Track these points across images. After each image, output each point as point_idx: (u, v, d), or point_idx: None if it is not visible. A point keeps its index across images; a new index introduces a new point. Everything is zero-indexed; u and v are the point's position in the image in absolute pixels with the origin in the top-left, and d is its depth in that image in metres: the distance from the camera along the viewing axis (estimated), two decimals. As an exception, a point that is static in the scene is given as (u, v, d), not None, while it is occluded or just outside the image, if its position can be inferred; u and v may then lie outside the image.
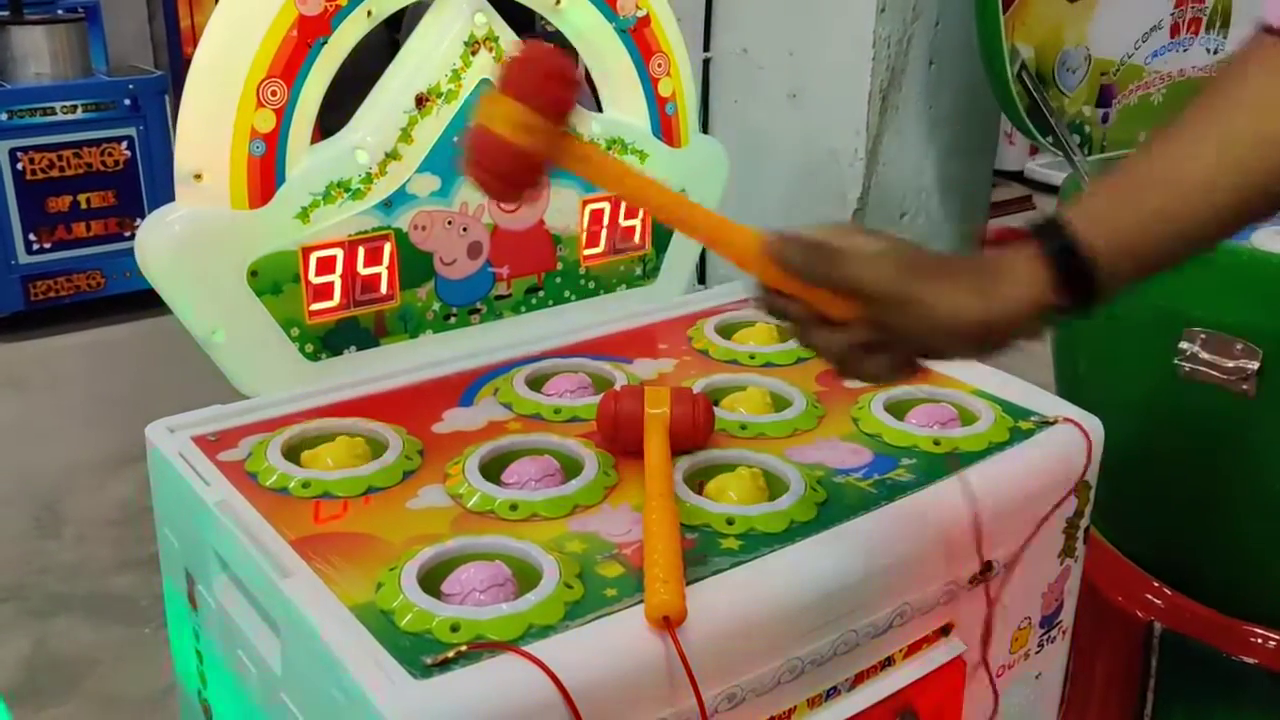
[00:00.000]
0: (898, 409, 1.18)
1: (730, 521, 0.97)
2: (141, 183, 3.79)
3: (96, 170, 3.72)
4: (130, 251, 1.15)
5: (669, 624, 0.82)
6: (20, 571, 2.48)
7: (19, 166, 3.58)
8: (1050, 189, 5.08)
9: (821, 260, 0.80)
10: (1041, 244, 0.81)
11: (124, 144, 3.75)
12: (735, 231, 0.86)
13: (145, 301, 3.51)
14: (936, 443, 1.11)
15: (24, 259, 3.67)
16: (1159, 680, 1.63)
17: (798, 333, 0.84)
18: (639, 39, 1.39)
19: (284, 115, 1.14)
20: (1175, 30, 1.88)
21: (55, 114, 3.62)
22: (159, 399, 1.25)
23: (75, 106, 3.65)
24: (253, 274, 1.15)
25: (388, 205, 1.22)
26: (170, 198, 1.13)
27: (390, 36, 1.58)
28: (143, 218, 1.16)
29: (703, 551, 0.93)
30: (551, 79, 0.83)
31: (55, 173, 3.65)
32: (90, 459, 2.87)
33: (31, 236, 3.66)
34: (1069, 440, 1.15)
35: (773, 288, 0.83)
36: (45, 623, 2.31)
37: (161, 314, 1.18)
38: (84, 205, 3.73)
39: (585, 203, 1.38)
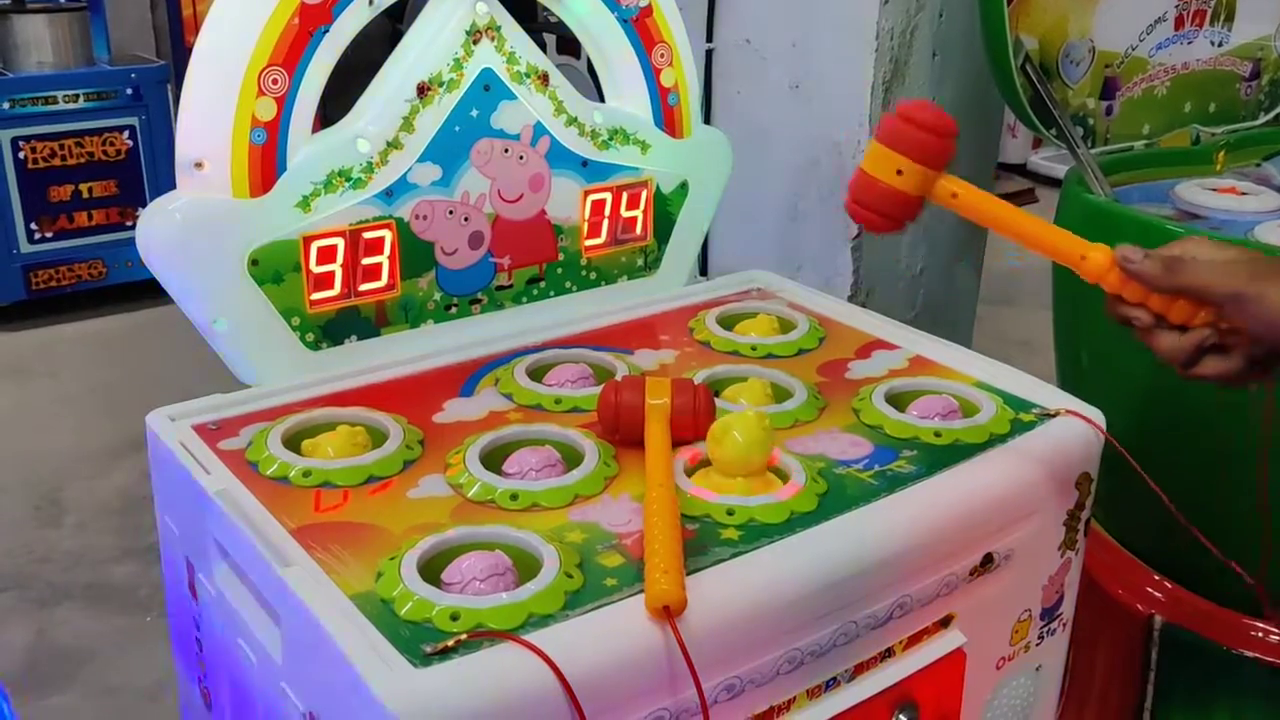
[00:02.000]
0: (899, 401, 1.18)
1: (730, 512, 0.97)
2: (143, 172, 3.80)
3: (98, 159, 3.72)
4: (132, 241, 1.15)
5: (669, 614, 0.82)
6: (21, 560, 2.48)
7: (21, 155, 3.59)
8: (1053, 182, 5.07)
9: (1171, 269, 0.90)
10: None
11: (126, 133, 3.75)
12: (1090, 249, 0.96)
13: (146, 291, 3.55)
14: (938, 434, 1.11)
15: (25, 248, 3.67)
16: (1159, 673, 1.64)
17: (1145, 337, 0.94)
18: (641, 29, 1.38)
19: (285, 103, 1.13)
20: (1180, 23, 1.87)
21: (57, 103, 3.63)
22: (160, 388, 1.25)
23: (77, 96, 3.65)
24: (253, 263, 1.15)
25: (389, 194, 1.22)
26: (172, 187, 1.13)
27: (392, 26, 1.57)
28: (144, 207, 1.16)
29: (703, 542, 0.93)
30: (924, 129, 0.97)
31: (57, 162, 3.65)
32: (91, 448, 2.87)
33: (33, 226, 3.67)
34: (1071, 432, 1.14)
35: (1121, 296, 0.94)
36: (45, 612, 2.32)
37: (163, 304, 1.18)
38: (85, 195, 3.73)
39: (587, 193, 1.38)
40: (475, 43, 1.24)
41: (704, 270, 2.19)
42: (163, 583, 1.16)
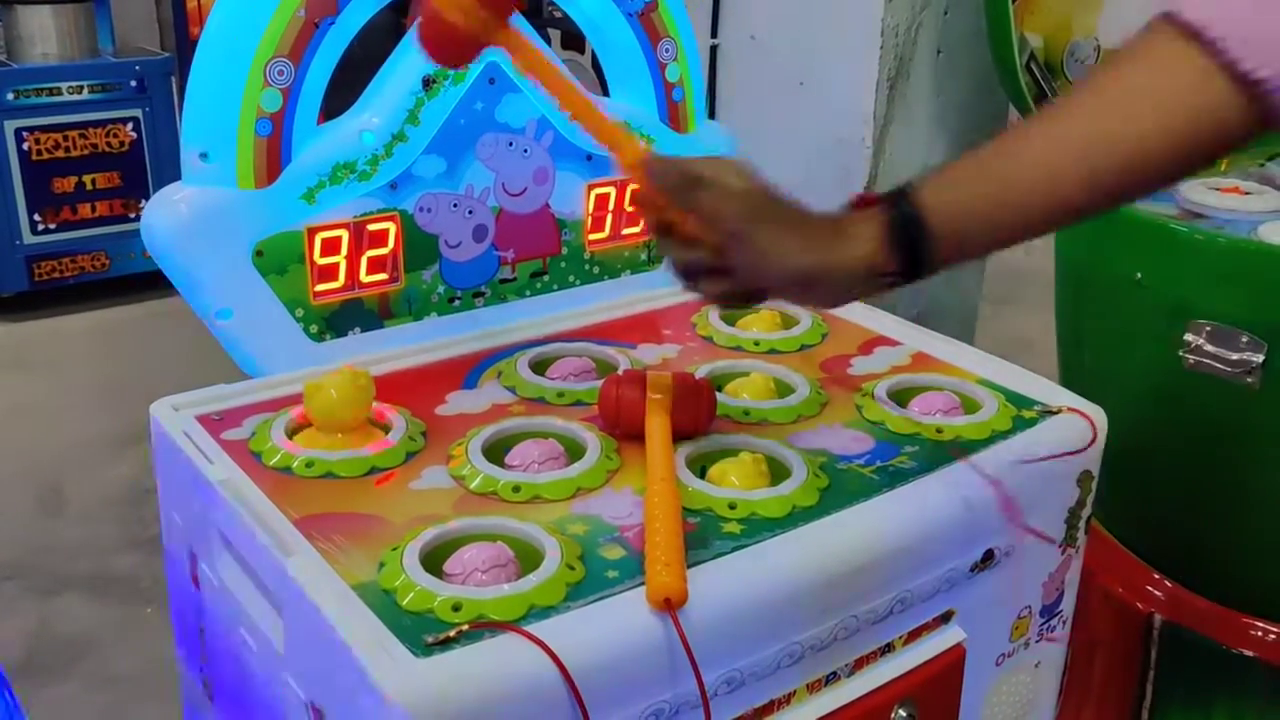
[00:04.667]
0: (901, 397, 1.18)
1: (732, 506, 0.97)
2: (147, 164, 3.80)
3: (102, 151, 3.72)
4: (135, 233, 1.15)
5: (670, 606, 0.83)
6: (24, 550, 2.49)
7: (25, 147, 3.59)
8: (1057, 181, 5.04)
9: (686, 184, 0.90)
10: (886, 209, 0.88)
11: (130, 125, 3.75)
12: (627, 140, 0.98)
13: (150, 283, 3.55)
14: (939, 431, 1.11)
15: (29, 239, 3.67)
16: (1159, 672, 1.64)
17: (659, 242, 0.94)
18: (646, 24, 1.38)
19: (291, 95, 1.14)
20: (1185, 22, 1.87)
21: (61, 94, 3.62)
22: (163, 380, 1.25)
23: (81, 87, 3.65)
24: (258, 254, 1.15)
25: (393, 187, 1.22)
26: (176, 179, 1.13)
27: (398, 19, 1.57)
28: (148, 199, 1.16)
29: (704, 535, 0.93)
30: None
31: (61, 153, 3.65)
32: (94, 439, 2.88)
33: (36, 217, 3.67)
34: (1072, 430, 1.15)
35: (648, 196, 0.94)
36: (48, 602, 2.32)
37: (166, 295, 1.18)
38: (89, 186, 3.73)
39: (590, 187, 1.38)
40: (481, 36, 1.24)
41: (707, 266, 2.19)
42: (165, 573, 1.17)
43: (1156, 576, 1.64)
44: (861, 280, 0.89)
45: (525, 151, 1.31)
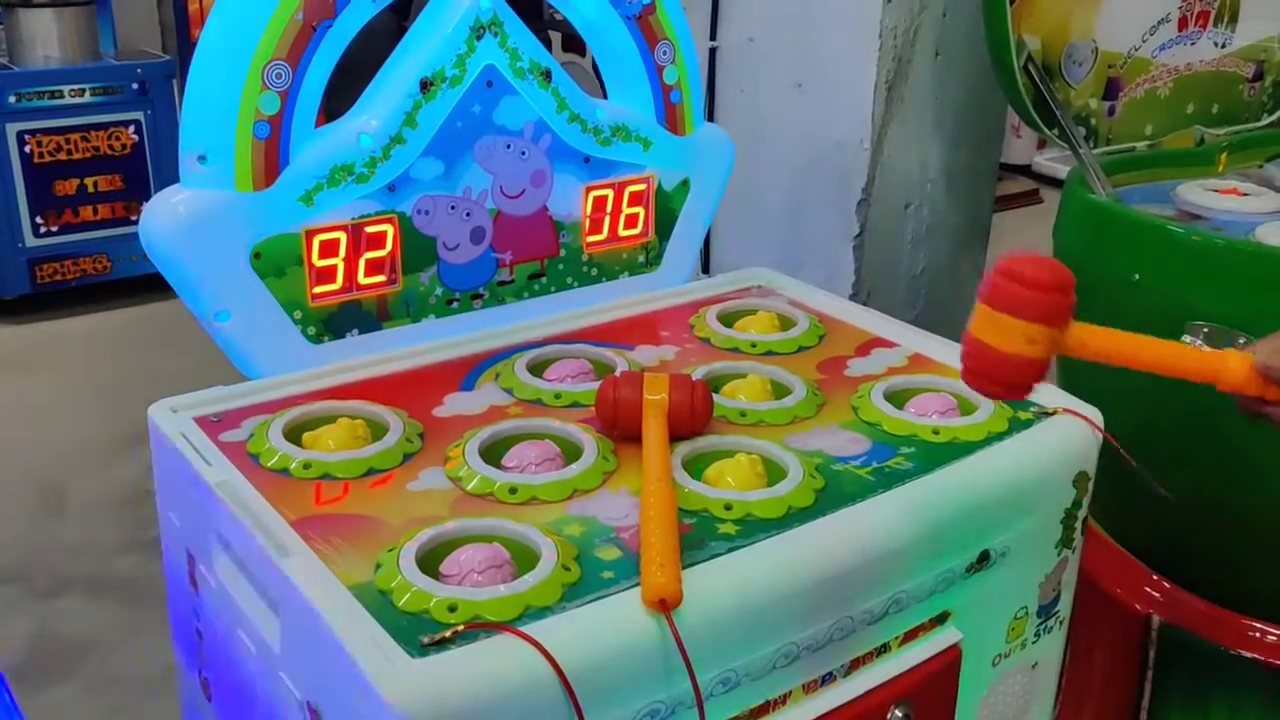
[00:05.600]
0: (897, 398, 1.18)
1: (728, 507, 0.97)
2: (148, 167, 3.80)
3: (103, 154, 3.73)
4: (136, 236, 1.16)
5: (665, 607, 0.83)
6: (24, 552, 2.49)
7: (26, 149, 3.59)
8: (1058, 183, 5.06)
9: None
10: None
11: (131, 128, 3.75)
12: (1227, 360, 0.92)
13: (151, 285, 3.55)
14: (935, 432, 1.12)
15: (31, 242, 3.68)
16: (1157, 673, 1.64)
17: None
18: (644, 26, 1.39)
19: (289, 98, 1.14)
20: (1183, 24, 1.87)
21: (63, 97, 3.63)
22: (163, 382, 1.25)
23: (83, 90, 3.66)
24: (256, 256, 1.15)
25: (391, 189, 1.22)
26: (177, 182, 1.14)
27: (398, 24, 1.58)
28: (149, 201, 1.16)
29: (700, 536, 0.94)
30: (1049, 292, 0.87)
31: (62, 156, 3.66)
32: (95, 441, 2.88)
33: (38, 219, 3.67)
34: (1068, 431, 1.15)
35: (1260, 399, 0.91)
36: (48, 603, 2.33)
37: (167, 298, 1.18)
38: (91, 189, 3.73)
39: (588, 189, 1.38)
40: (478, 38, 1.25)
41: (706, 268, 2.19)
42: (164, 575, 1.17)
43: (1155, 578, 1.64)
44: None
45: (523, 154, 1.31)
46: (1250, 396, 0.91)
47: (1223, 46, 1.94)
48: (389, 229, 1.23)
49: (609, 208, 1.41)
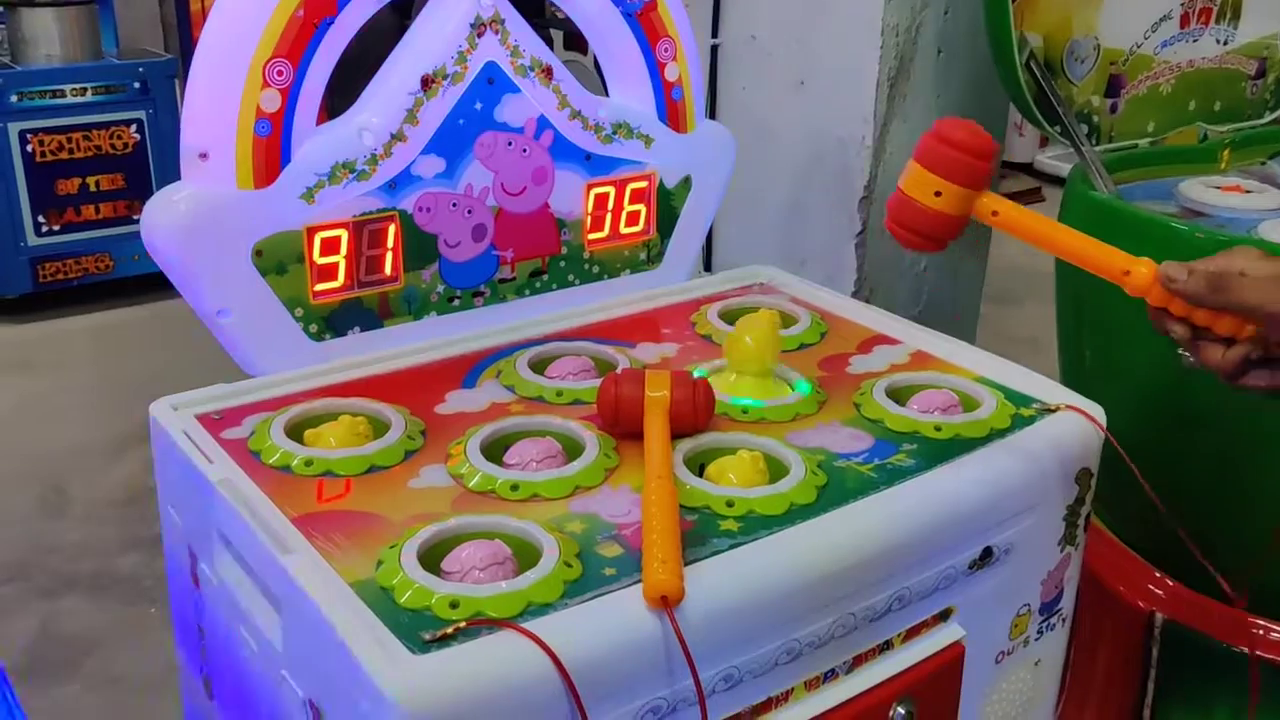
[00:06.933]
0: (899, 395, 1.18)
1: (730, 503, 0.97)
2: (150, 166, 3.80)
3: (105, 153, 3.73)
4: (138, 234, 1.15)
5: (667, 604, 0.83)
6: (26, 551, 2.49)
7: (29, 148, 3.59)
8: (1060, 181, 5.06)
9: (1216, 287, 0.89)
10: None
11: (133, 127, 3.75)
12: (1134, 264, 0.95)
13: (153, 284, 3.56)
14: (938, 429, 1.11)
15: (33, 241, 3.68)
16: (1160, 671, 1.63)
17: (1189, 349, 0.94)
18: (646, 23, 1.38)
19: (290, 95, 1.14)
20: (1185, 20, 1.87)
21: (65, 96, 3.63)
22: (166, 381, 1.25)
23: (85, 89, 3.66)
24: (258, 254, 1.15)
25: (392, 187, 1.22)
26: (179, 180, 1.14)
27: (400, 22, 1.58)
28: (151, 200, 1.16)
29: (702, 533, 0.93)
30: (968, 154, 0.96)
31: (64, 155, 3.66)
32: (97, 440, 2.88)
33: (40, 219, 3.68)
34: (1071, 427, 1.15)
35: (1165, 310, 0.93)
36: (51, 602, 2.33)
37: (169, 297, 1.18)
38: (93, 188, 3.74)
39: (590, 187, 1.38)
40: (479, 35, 1.25)
41: (708, 266, 2.19)
42: (165, 573, 1.17)
43: (1158, 575, 1.63)
44: None
45: (524, 151, 1.31)
46: (1155, 308, 0.94)
47: (1225, 43, 1.94)
48: (390, 226, 1.23)
49: (610, 205, 1.41)
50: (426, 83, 1.22)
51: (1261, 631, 1.54)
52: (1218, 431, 1.50)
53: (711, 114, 2.13)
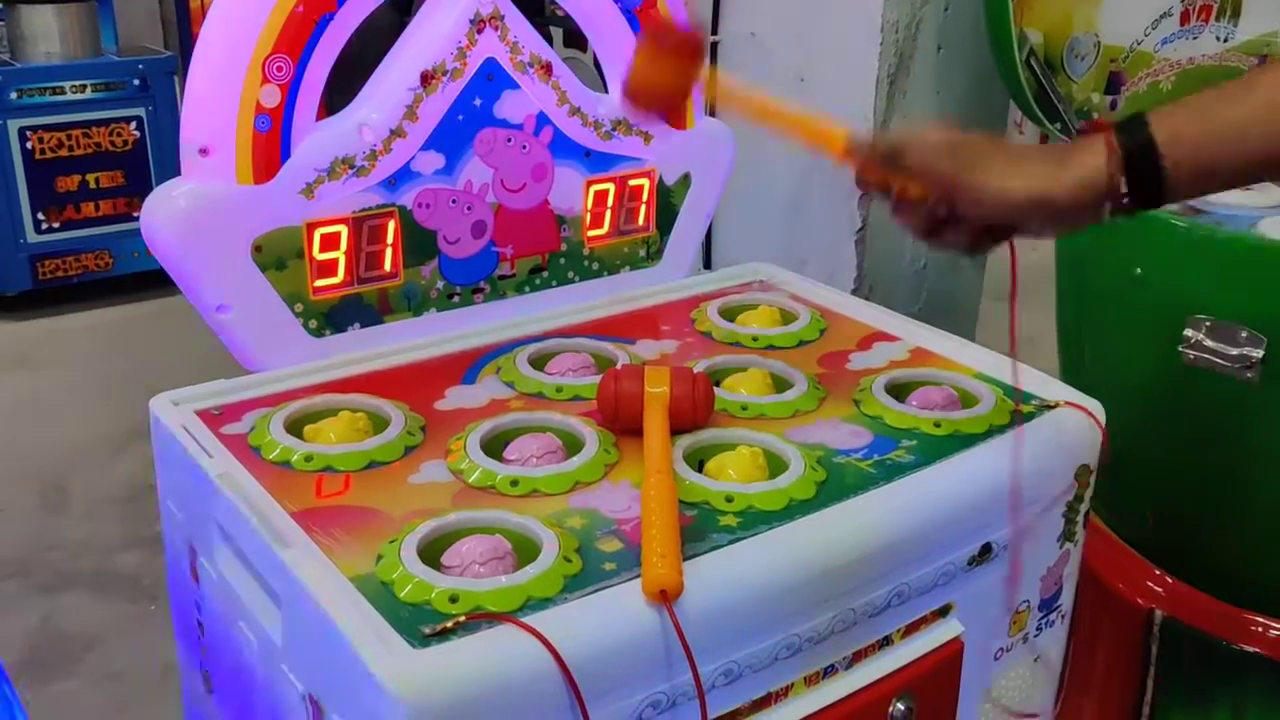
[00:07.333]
0: (899, 391, 1.18)
1: (729, 499, 0.97)
2: (150, 163, 3.80)
3: (105, 150, 3.73)
4: (138, 231, 1.15)
5: (666, 598, 0.83)
6: (27, 548, 2.49)
7: (28, 146, 3.59)
8: (1059, 179, 5.04)
9: (892, 152, 0.96)
10: (1119, 135, 0.89)
11: (133, 124, 3.75)
12: (831, 132, 1.02)
13: (153, 281, 3.56)
14: (937, 425, 1.12)
15: (33, 238, 3.68)
16: (1159, 668, 1.64)
17: (891, 210, 0.99)
18: (646, 20, 1.38)
19: (290, 91, 1.14)
20: (1185, 17, 1.87)
21: (65, 93, 3.63)
22: (166, 378, 1.25)
23: (85, 86, 3.66)
24: (257, 249, 1.15)
25: (392, 183, 1.22)
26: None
27: (398, 19, 1.58)
28: (151, 197, 1.16)
29: (701, 528, 0.93)
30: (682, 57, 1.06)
31: (64, 152, 3.66)
32: (97, 437, 2.88)
33: (40, 216, 3.67)
34: (1070, 424, 1.15)
35: (864, 174, 0.99)
36: (51, 599, 2.33)
37: (169, 294, 1.19)
38: (92, 185, 3.73)
39: (589, 183, 1.38)
40: (479, 32, 1.25)
41: (707, 263, 2.19)
42: (165, 568, 1.17)
43: (1157, 572, 1.63)
44: (1090, 205, 0.90)
45: (524, 147, 1.31)
46: (858, 176, 1.00)
47: (1226, 40, 1.94)
48: (390, 222, 1.23)
49: (610, 202, 1.41)
50: (426, 79, 1.22)
51: (1261, 629, 1.54)
52: (1215, 430, 1.50)
53: (711, 111, 2.13)
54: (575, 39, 2.80)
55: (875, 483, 1.02)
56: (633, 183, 1.42)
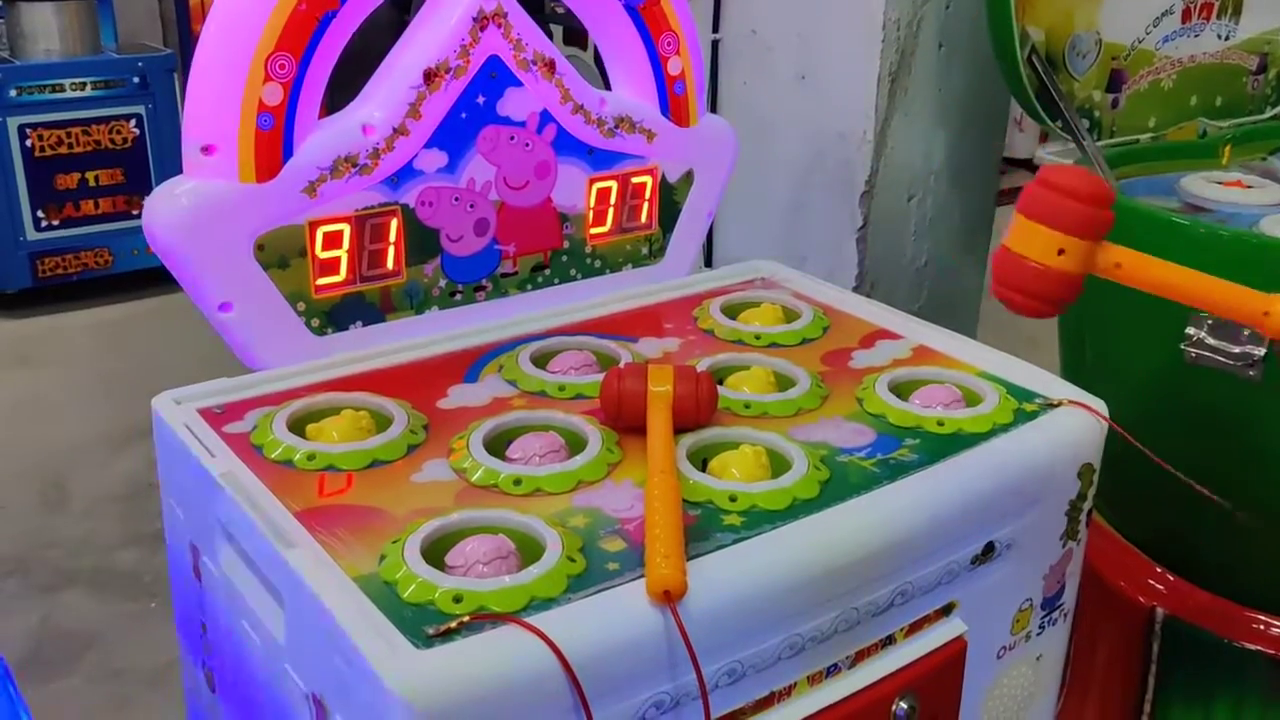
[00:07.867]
0: (902, 390, 1.18)
1: (733, 498, 0.97)
2: (150, 160, 3.80)
3: (105, 148, 3.73)
4: (138, 229, 1.15)
5: (669, 598, 0.83)
6: (27, 546, 2.49)
7: (28, 143, 3.59)
8: (1059, 177, 5.04)
9: None
10: None
11: (132, 122, 3.75)
12: (1270, 302, 0.90)
13: (153, 279, 3.56)
14: (940, 423, 1.11)
15: (32, 236, 3.68)
16: (1160, 666, 1.64)
17: None
18: (648, 17, 1.38)
19: (292, 89, 1.14)
20: (1187, 15, 1.87)
21: (64, 91, 3.63)
22: (166, 376, 1.25)
23: (84, 84, 3.66)
24: (260, 248, 1.15)
25: (395, 181, 1.22)
26: (179, 175, 1.13)
27: (400, 17, 1.58)
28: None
29: (705, 527, 0.93)
30: (1086, 203, 0.85)
31: (64, 150, 3.66)
32: (97, 435, 2.88)
33: (40, 213, 3.67)
34: (1073, 422, 1.15)
35: None
36: (51, 597, 2.33)
37: (169, 291, 1.19)
38: (92, 183, 3.73)
39: (592, 181, 1.38)
40: (482, 29, 1.25)
41: (709, 261, 2.19)
42: (167, 567, 1.17)
43: (1159, 570, 1.63)
44: None
45: (527, 145, 1.31)
46: None
47: (1227, 39, 1.94)
48: (392, 221, 1.23)
49: (613, 199, 1.41)
50: (429, 76, 1.22)
51: (1262, 627, 1.55)
52: (1217, 428, 1.50)
53: (713, 109, 2.13)
54: (575, 36, 2.80)
55: (879, 482, 1.02)
56: (635, 180, 1.42)
